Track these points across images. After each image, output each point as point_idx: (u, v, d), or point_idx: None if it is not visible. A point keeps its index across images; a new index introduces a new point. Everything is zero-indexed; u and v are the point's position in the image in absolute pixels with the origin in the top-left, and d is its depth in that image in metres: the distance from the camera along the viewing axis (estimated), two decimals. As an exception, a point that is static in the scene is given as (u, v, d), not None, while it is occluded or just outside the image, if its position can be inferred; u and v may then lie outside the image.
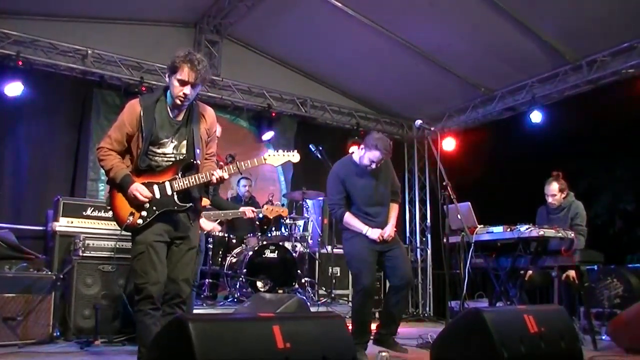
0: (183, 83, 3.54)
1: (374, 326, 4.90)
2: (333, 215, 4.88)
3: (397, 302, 4.82)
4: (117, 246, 5.35)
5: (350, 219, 4.75)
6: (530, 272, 5.91)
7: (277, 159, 3.93)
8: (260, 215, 7.39)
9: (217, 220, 7.11)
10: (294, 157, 3.98)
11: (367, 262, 4.67)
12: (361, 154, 4.77)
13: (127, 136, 3.61)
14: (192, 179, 3.62)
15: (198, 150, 3.68)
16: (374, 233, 4.69)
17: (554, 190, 6.15)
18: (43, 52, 7.54)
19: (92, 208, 5.86)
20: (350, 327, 4.57)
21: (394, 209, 4.94)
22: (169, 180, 3.61)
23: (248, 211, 6.25)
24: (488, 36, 7.82)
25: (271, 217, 6.52)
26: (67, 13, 7.73)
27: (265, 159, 3.87)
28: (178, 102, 3.61)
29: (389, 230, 4.75)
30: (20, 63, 7.11)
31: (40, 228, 6.83)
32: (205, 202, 5.23)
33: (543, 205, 6.34)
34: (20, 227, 6.76)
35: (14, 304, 4.82)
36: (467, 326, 3.22)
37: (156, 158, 3.63)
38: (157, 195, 3.57)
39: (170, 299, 3.60)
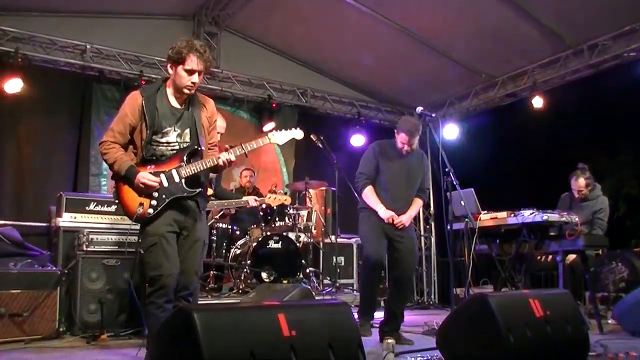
0: (191, 72, 3.57)
1: (379, 314, 4.94)
2: (355, 184, 5.02)
3: (398, 299, 4.89)
4: (124, 240, 5.38)
5: (370, 193, 4.85)
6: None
7: (282, 137, 3.94)
8: (264, 206, 7.42)
9: (221, 211, 7.14)
10: (298, 133, 4.02)
11: (374, 236, 4.78)
12: (395, 140, 4.92)
13: (129, 127, 3.62)
14: (199, 164, 3.62)
15: (202, 137, 3.70)
16: (386, 213, 4.75)
17: (581, 186, 6.18)
18: (42, 48, 7.52)
19: (95, 203, 5.85)
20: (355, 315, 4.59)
21: (417, 203, 5.02)
22: (175, 168, 3.61)
23: (251, 200, 6.25)
24: (488, 22, 7.77)
25: (274, 206, 6.51)
26: (65, 8, 7.71)
27: (269, 138, 3.88)
28: (187, 91, 3.64)
29: (404, 219, 4.79)
30: (19, 59, 7.09)
31: (44, 224, 6.82)
32: (208, 191, 5.25)
33: (567, 193, 6.33)
34: (23, 224, 6.75)
35: (19, 300, 4.81)
36: (473, 312, 3.21)
37: (160, 147, 3.64)
38: (165, 184, 3.57)
39: (178, 291, 3.60)
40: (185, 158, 3.64)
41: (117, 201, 3.67)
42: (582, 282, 5.93)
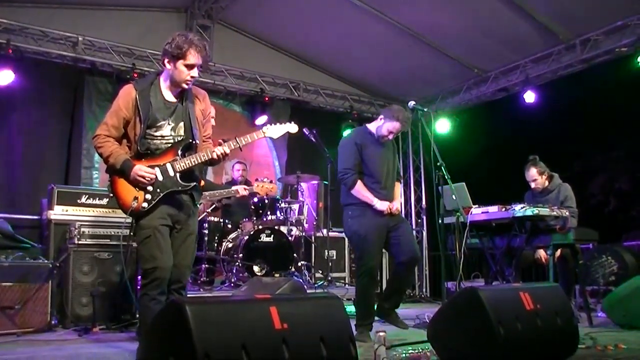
0: (191, 67, 3.59)
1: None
2: (343, 181, 4.82)
3: (405, 277, 4.94)
4: (116, 233, 5.38)
5: (361, 188, 4.75)
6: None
7: (276, 130, 3.95)
8: (255, 200, 7.42)
9: (213, 201, 7.16)
10: (292, 127, 4.03)
11: (374, 243, 4.71)
12: (379, 124, 4.85)
13: (123, 121, 3.62)
14: (193, 158, 3.63)
15: (196, 131, 3.71)
16: (382, 205, 4.72)
17: (534, 175, 6.15)
18: (33, 40, 7.46)
19: (87, 196, 5.84)
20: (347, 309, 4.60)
21: (399, 187, 5.06)
22: (169, 162, 3.62)
23: (241, 189, 6.27)
24: (481, 16, 7.78)
25: (262, 194, 6.52)
26: (57, 0, 7.65)
27: (264, 132, 3.89)
28: (185, 86, 3.66)
29: (397, 205, 4.82)
30: (10, 51, 7.04)
31: (35, 217, 6.81)
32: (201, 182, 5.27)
33: (529, 191, 6.35)
34: (15, 217, 6.73)
35: (11, 292, 4.81)
36: (464, 305, 3.23)
37: (154, 141, 3.65)
38: (160, 177, 3.58)
39: (171, 283, 3.62)
40: (180, 152, 3.65)
41: (111, 195, 3.68)
42: (572, 275, 5.96)
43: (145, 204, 3.54)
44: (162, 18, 8.42)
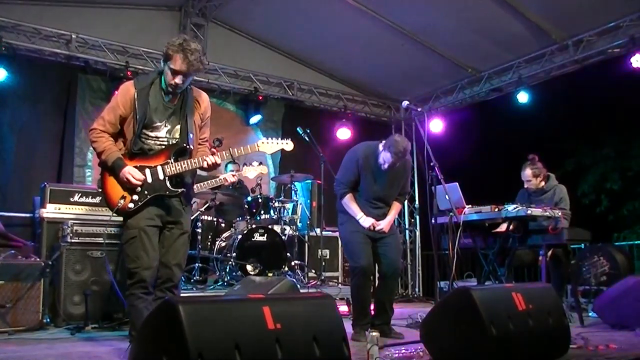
0: (175, 72, 3.54)
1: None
2: (335, 191, 4.92)
3: (386, 291, 4.89)
4: (107, 232, 5.35)
5: (349, 201, 4.79)
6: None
7: (271, 146, 3.95)
8: (249, 199, 7.41)
9: (207, 203, 7.11)
10: (288, 145, 4.00)
11: (360, 244, 4.72)
12: (380, 150, 4.72)
13: (120, 118, 3.61)
14: (184, 164, 3.62)
15: (191, 135, 3.69)
16: (366, 221, 4.72)
17: (528, 176, 6.16)
18: (26, 37, 7.43)
19: (80, 194, 5.81)
20: (339, 308, 4.60)
21: (396, 208, 4.96)
22: (161, 165, 3.61)
23: (229, 176, 6.18)
24: (475, 16, 7.79)
25: (252, 178, 6.34)
26: (50, -3, 7.63)
27: (258, 146, 3.89)
28: (170, 89, 3.63)
29: (384, 224, 4.77)
30: (3, 48, 7.00)
31: (28, 215, 6.78)
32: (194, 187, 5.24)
33: (523, 189, 6.37)
34: (7, 214, 6.71)
35: (2, 291, 4.79)
36: (457, 305, 3.25)
37: (149, 141, 3.63)
38: (149, 180, 3.58)
39: (162, 283, 3.63)
40: (172, 155, 3.64)
41: (100, 190, 3.68)
42: (564, 275, 5.98)
43: (131, 205, 3.55)
44: (156, 16, 8.37)
